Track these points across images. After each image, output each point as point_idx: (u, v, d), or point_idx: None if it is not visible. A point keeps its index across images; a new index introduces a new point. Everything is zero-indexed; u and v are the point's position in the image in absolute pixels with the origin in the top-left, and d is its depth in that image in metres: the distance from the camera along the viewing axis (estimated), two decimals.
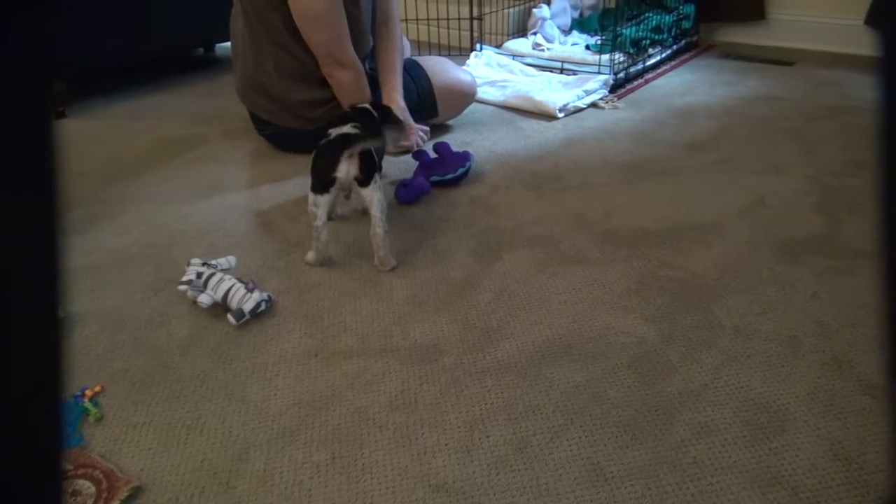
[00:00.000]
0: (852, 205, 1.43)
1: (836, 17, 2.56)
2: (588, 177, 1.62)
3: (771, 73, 2.37)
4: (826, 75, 2.32)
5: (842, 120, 1.91)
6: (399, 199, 1.50)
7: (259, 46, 1.65)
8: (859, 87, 2.19)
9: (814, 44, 2.62)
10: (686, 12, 2.58)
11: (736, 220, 1.39)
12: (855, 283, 1.17)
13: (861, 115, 1.94)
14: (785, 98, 2.11)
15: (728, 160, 1.67)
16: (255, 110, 1.77)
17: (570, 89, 2.11)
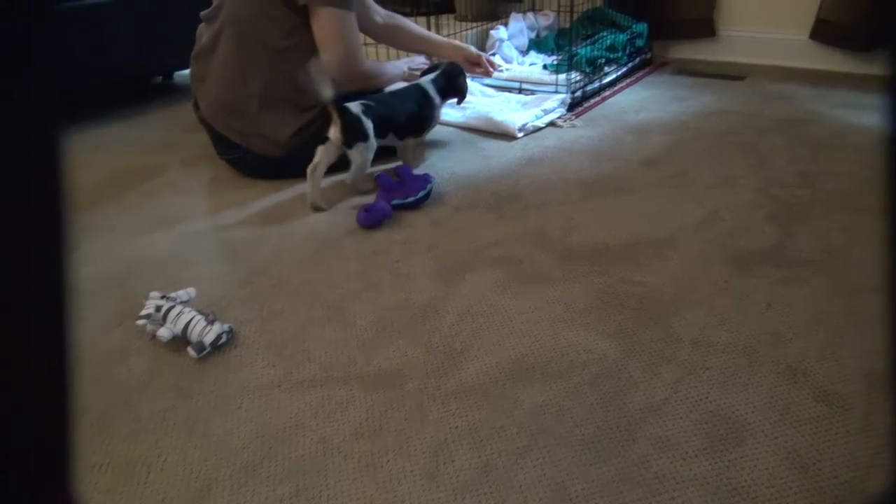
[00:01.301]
0: (802, 216, 1.48)
1: (783, 33, 2.65)
2: (548, 195, 1.64)
3: (723, 88, 2.43)
4: (775, 89, 2.40)
5: (791, 132, 1.97)
6: (360, 224, 1.50)
7: (246, 64, 1.66)
8: (807, 99, 2.26)
9: (763, 59, 2.71)
10: (639, 31, 2.64)
11: (691, 234, 1.42)
12: (806, 293, 1.20)
13: (808, 127, 2.01)
14: (736, 112, 2.17)
15: (683, 175, 1.71)
16: (225, 132, 1.73)
17: (528, 109, 2.14)
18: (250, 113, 1.69)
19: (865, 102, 2.20)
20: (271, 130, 1.70)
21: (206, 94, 1.75)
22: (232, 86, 1.69)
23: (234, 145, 1.74)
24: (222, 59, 1.70)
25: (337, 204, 1.64)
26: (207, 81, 1.74)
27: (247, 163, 1.77)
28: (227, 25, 1.68)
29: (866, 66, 2.52)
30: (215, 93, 1.72)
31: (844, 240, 1.37)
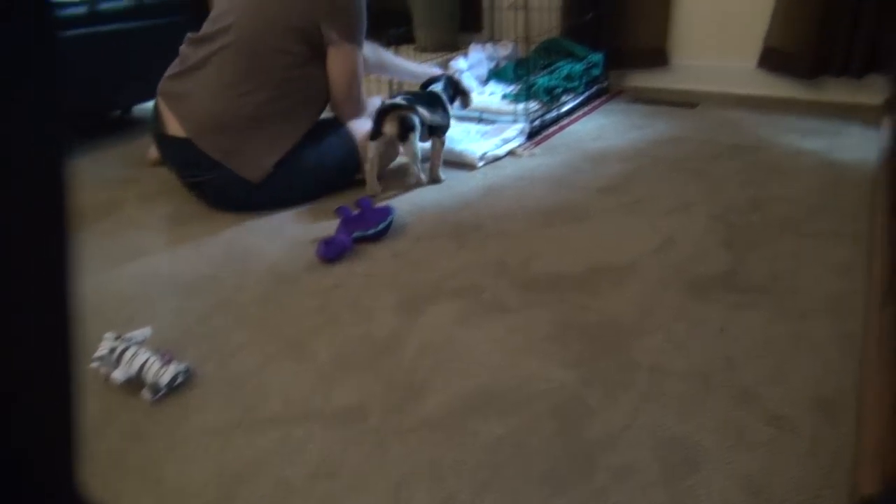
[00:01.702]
0: (754, 241, 1.52)
1: (732, 62, 2.74)
2: (508, 224, 1.66)
3: (676, 116, 2.50)
4: (726, 116, 2.47)
5: (742, 158, 2.03)
6: (320, 257, 1.50)
7: (248, 85, 1.70)
8: (756, 125, 2.34)
9: (714, 86, 2.79)
10: (595, 60, 2.71)
11: (648, 260, 1.45)
12: (758, 317, 1.23)
13: (759, 152, 2.07)
14: (690, 139, 2.23)
15: (640, 201, 1.75)
16: (206, 148, 1.70)
17: (488, 138, 2.17)
18: (240, 130, 1.70)
19: (812, 128, 2.28)
20: (257, 153, 1.72)
21: (189, 110, 1.72)
22: (226, 102, 1.69)
23: (209, 167, 1.71)
24: (217, 76, 1.71)
25: (296, 238, 1.64)
26: (192, 98, 1.73)
27: (216, 187, 1.75)
28: (233, 48, 1.71)
29: (812, 93, 2.62)
30: (205, 108, 1.70)
31: (792, 264, 1.41)
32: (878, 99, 2.49)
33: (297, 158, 1.76)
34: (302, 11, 1.73)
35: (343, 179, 1.90)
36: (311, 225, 1.69)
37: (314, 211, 1.78)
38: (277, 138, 1.74)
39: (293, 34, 1.73)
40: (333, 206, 1.65)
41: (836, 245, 1.48)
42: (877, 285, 1.17)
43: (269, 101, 1.71)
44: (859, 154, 2.02)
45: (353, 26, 1.78)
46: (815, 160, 1.99)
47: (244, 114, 1.70)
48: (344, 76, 1.81)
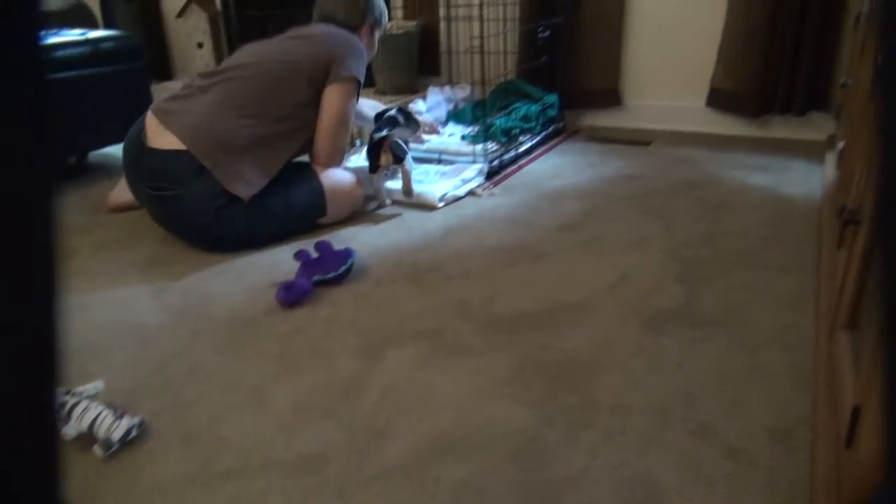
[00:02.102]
0: (707, 275, 1.56)
1: (682, 102, 2.84)
2: (468, 264, 1.67)
3: (630, 154, 2.57)
4: (678, 153, 2.55)
5: (694, 194, 2.09)
6: (280, 302, 1.48)
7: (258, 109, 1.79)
8: (707, 162, 2.41)
9: (666, 125, 2.89)
10: (551, 101, 2.78)
11: (606, 297, 1.47)
12: (714, 351, 1.25)
13: (709, 188, 2.14)
14: (644, 176, 2.29)
15: (596, 239, 1.78)
16: (200, 155, 1.70)
17: (448, 179, 2.20)
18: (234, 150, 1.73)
19: (759, 163, 2.37)
20: (246, 173, 1.74)
21: (185, 123, 1.74)
22: (226, 119, 1.75)
23: (188, 179, 1.70)
24: (222, 97, 1.78)
25: (255, 283, 1.62)
26: (190, 114, 1.76)
27: (183, 206, 1.73)
28: (248, 79, 1.81)
29: (758, 130, 2.73)
30: (203, 121, 1.74)
31: (745, 297, 1.45)
32: (821, 135, 2.60)
33: (263, 198, 1.76)
34: (321, 57, 1.88)
35: (306, 224, 1.90)
36: (270, 269, 1.68)
37: (274, 255, 1.77)
38: (264, 165, 1.78)
39: (307, 77, 1.86)
40: (293, 250, 1.64)
41: (786, 277, 1.53)
42: (824, 316, 1.21)
43: (266, 133, 1.79)
44: (805, 188, 2.10)
45: (360, 67, 1.95)
46: (763, 195, 2.06)
47: (241, 134, 1.75)
48: (334, 114, 1.90)
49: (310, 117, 1.89)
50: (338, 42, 1.93)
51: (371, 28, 2.10)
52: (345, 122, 1.94)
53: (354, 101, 1.96)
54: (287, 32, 2.01)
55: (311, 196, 1.86)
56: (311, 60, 1.87)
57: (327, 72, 1.89)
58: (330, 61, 1.89)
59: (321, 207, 1.89)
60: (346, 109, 1.93)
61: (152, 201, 1.80)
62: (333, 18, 2.04)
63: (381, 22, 2.14)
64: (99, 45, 2.42)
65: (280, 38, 1.97)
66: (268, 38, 1.98)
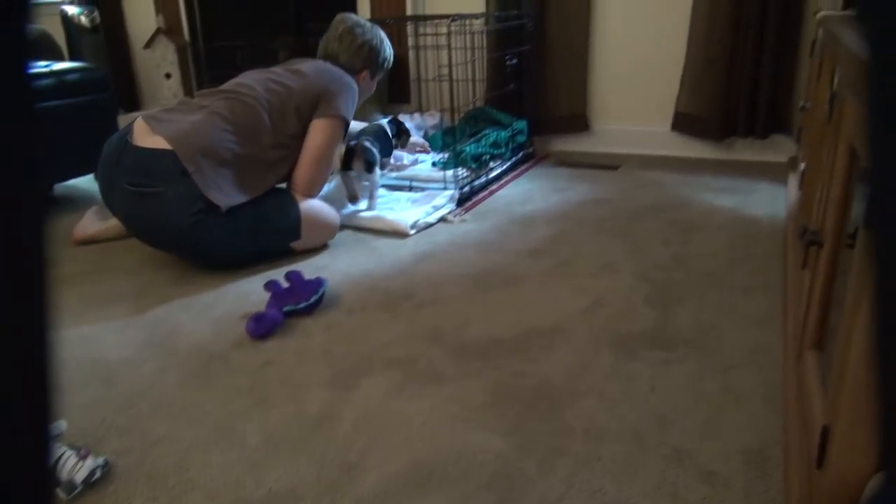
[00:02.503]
0: (677, 297, 1.57)
1: (648, 126, 2.90)
2: (441, 291, 1.66)
3: (599, 178, 2.60)
4: (646, 176, 2.59)
5: (662, 217, 2.11)
6: (250, 334, 1.46)
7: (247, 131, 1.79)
8: (674, 185, 2.45)
9: (633, 149, 2.94)
10: (520, 128, 2.81)
11: (578, 321, 1.47)
12: (686, 372, 1.26)
13: (678, 211, 2.17)
14: (613, 200, 2.32)
15: (567, 263, 1.79)
16: (184, 157, 1.69)
17: (419, 206, 2.20)
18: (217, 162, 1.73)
19: (725, 186, 2.41)
20: (225, 185, 1.74)
21: (174, 128, 1.75)
22: (215, 133, 1.75)
23: (170, 179, 1.68)
24: (215, 112, 1.78)
25: (224, 315, 1.59)
26: (181, 123, 1.77)
27: (161, 205, 1.70)
28: (245, 102, 1.82)
29: (723, 153, 2.79)
30: (193, 129, 1.74)
31: (715, 318, 1.46)
32: (783, 157, 2.66)
33: (240, 211, 1.76)
34: (313, 90, 1.91)
35: (280, 245, 1.89)
36: (239, 300, 1.66)
37: (243, 286, 1.75)
38: (246, 184, 1.78)
39: (295, 108, 1.88)
40: (263, 281, 1.62)
41: (755, 297, 1.55)
42: (792, 336, 1.22)
43: (252, 155, 1.80)
44: (769, 209, 2.14)
45: (349, 106, 1.98)
46: (730, 216, 2.09)
47: (227, 148, 1.76)
48: (318, 148, 1.91)
49: (296, 147, 1.91)
50: (332, 79, 1.96)
51: (371, 74, 2.16)
52: (326, 157, 1.94)
53: (339, 138, 1.97)
54: (289, 62, 2.05)
55: (287, 218, 1.86)
56: (303, 92, 1.90)
57: (316, 105, 1.91)
58: (321, 95, 1.91)
59: (296, 230, 1.88)
60: (330, 145, 1.94)
61: (130, 199, 1.74)
62: (336, 59, 2.09)
63: (383, 68, 2.20)
64: (64, 76, 2.39)
65: (281, 67, 2.00)
66: (268, 67, 2.02)
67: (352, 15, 2.17)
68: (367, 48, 2.11)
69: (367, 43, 2.11)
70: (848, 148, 0.87)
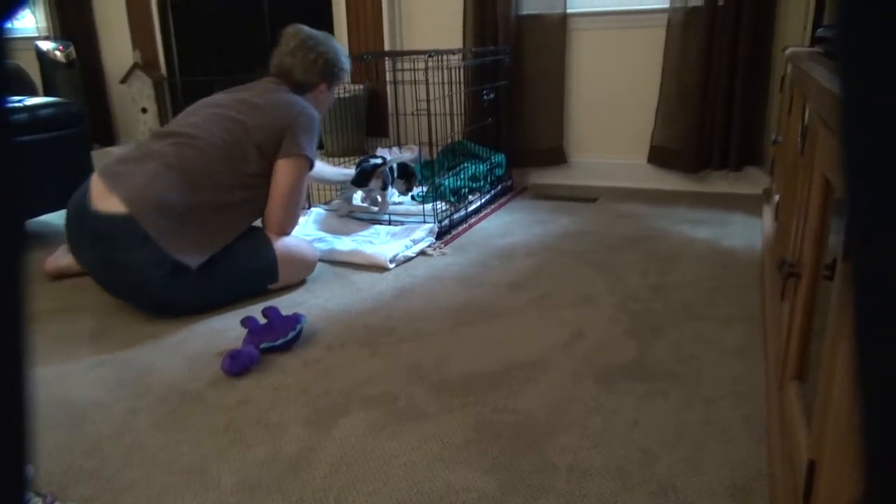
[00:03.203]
0: (657, 328, 1.57)
1: (625, 159, 2.93)
2: (421, 325, 1.65)
3: (578, 210, 2.62)
4: (623, 208, 2.61)
5: (640, 248, 2.13)
6: (226, 372, 1.43)
7: (207, 178, 1.73)
8: (651, 217, 2.48)
9: (610, 181, 2.97)
10: (498, 161, 2.83)
11: (559, 355, 1.46)
12: (668, 405, 1.25)
13: (655, 242, 2.18)
14: (591, 232, 2.33)
15: (547, 296, 1.79)
16: (146, 224, 1.63)
17: (398, 240, 2.19)
18: (180, 216, 1.69)
19: (701, 217, 2.44)
20: (192, 240, 1.70)
21: (132, 187, 1.68)
22: (173, 186, 1.69)
23: (135, 245, 1.63)
24: (171, 163, 1.72)
25: (198, 352, 1.56)
26: (136, 178, 1.70)
27: (130, 271, 1.66)
28: (198, 147, 1.75)
29: (698, 185, 2.83)
30: (149, 186, 1.68)
31: (695, 349, 1.46)
32: (757, 189, 2.71)
33: (213, 263, 1.73)
34: (274, 129, 1.85)
35: (257, 289, 1.86)
36: (214, 338, 1.62)
37: (218, 322, 1.72)
38: (213, 234, 1.74)
39: (256, 148, 1.82)
40: (239, 317, 1.59)
41: (734, 328, 1.55)
42: (773, 366, 1.23)
43: (214, 201, 1.75)
44: (745, 240, 2.16)
45: (312, 141, 1.92)
46: (706, 247, 2.11)
47: (187, 202, 1.70)
48: (287, 187, 1.87)
49: (261, 185, 1.85)
50: (292, 113, 1.88)
51: (328, 85, 2.06)
52: (297, 195, 1.91)
53: (306, 173, 1.93)
54: (237, 89, 1.96)
55: (263, 262, 1.83)
56: (262, 130, 1.83)
57: (279, 142, 1.85)
58: (282, 134, 1.85)
59: (272, 272, 1.85)
60: (298, 183, 1.90)
61: (97, 268, 1.73)
62: (290, 75, 1.98)
63: (341, 78, 2.09)
64: (37, 111, 2.37)
65: (230, 97, 1.91)
66: (218, 94, 1.96)
67: (303, 27, 2.03)
68: (322, 61, 1.99)
69: (321, 56, 1.99)
70: (822, 179, 0.89)
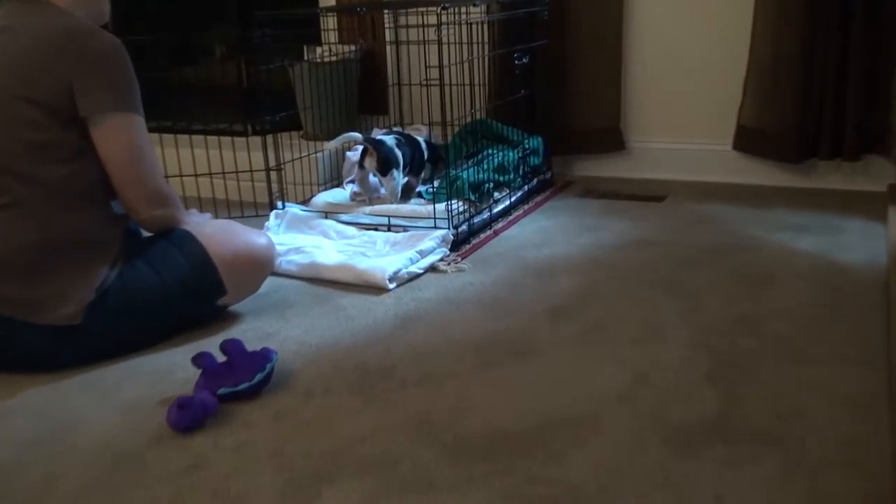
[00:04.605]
0: (746, 373, 1.57)
1: (703, 144, 2.93)
2: (431, 366, 1.66)
3: (640, 212, 2.63)
4: (701, 210, 2.62)
5: (723, 265, 2.13)
6: (172, 426, 1.44)
7: (16, 210, 1.64)
8: (738, 222, 2.48)
9: (684, 174, 2.97)
10: (533, 146, 2.84)
11: (616, 407, 1.47)
12: (761, 476, 1.25)
13: (744, 256, 2.18)
14: (658, 242, 2.33)
15: (599, 328, 1.79)
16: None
17: (400, 251, 2.21)
18: (17, 269, 1.64)
19: (805, 223, 2.44)
20: (55, 292, 1.65)
21: None
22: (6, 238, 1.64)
23: None
24: None
25: (136, 400, 1.58)
26: None
27: (12, 344, 1.67)
28: None
29: (801, 179, 2.82)
30: None
31: (795, 402, 1.46)
32: (880, 185, 2.69)
33: (122, 292, 1.71)
34: (44, 74, 1.65)
35: (196, 306, 1.86)
36: (158, 380, 1.64)
37: (163, 359, 1.73)
38: (80, 266, 1.68)
39: (45, 115, 1.65)
40: (190, 352, 1.61)
41: (849, 373, 1.55)
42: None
43: (55, 222, 1.67)
44: (864, 254, 2.16)
45: (119, 82, 1.73)
46: (811, 264, 2.11)
47: (13, 247, 1.64)
48: (121, 154, 1.72)
49: (88, 165, 1.71)
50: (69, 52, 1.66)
51: None
52: (144, 155, 1.75)
53: (137, 124, 1.75)
54: None
55: (192, 267, 1.78)
56: (31, 85, 1.65)
57: (70, 94, 1.66)
58: (64, 78, 1.66)
59: (213, 286, 1.82)
60: (139, 141, 1.74)
61: None
62: None
63: None
64: None
65: None
66: None
67: None
68: None
69: None
70: None
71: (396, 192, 2.55)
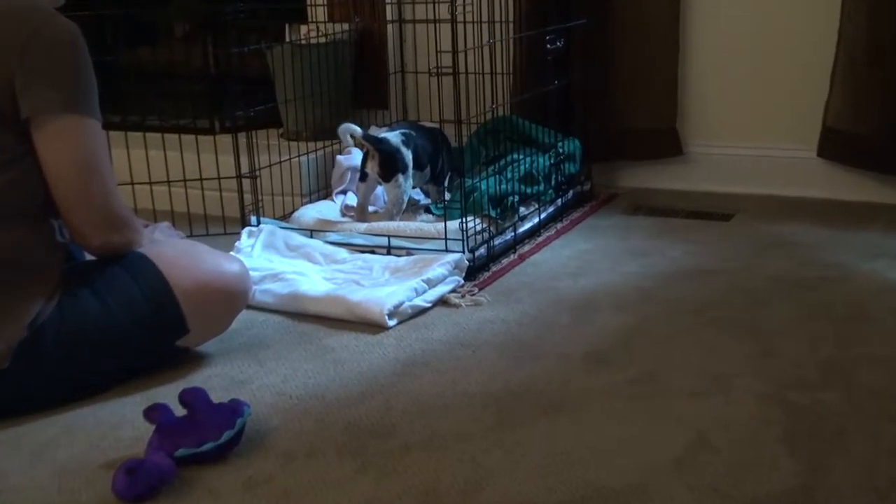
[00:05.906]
0: (833, 435, 1.56)
1: (780, 150, 2.93)
2: (439, 424, 1.66)
3: (699, 233, 2.63)
4: (776, 232, 2.61)
5: (803, 299, 2.12)
6: (119, 496, 1.45)
7: None
8: (822, 247, 2.47)
9: (755, 186, 2.96)
10: (569, 150, 2.84)
11: (670, 478, 1.46)
12: None
13: (829, 289, 2.18)
14: (722, 271, 2.33)
15: (649, 377, 1.79)
16: None
17: (403, 280, 2.21)
18: None
19: None
20: None
21: None
22: None
23: None
24: None
25: (74, 463, 1.58)
26: None
27: None
28: None
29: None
30: None
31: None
32: None
33: (59, 321, 1.72)
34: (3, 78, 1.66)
35: (151, 347, 1.85)
36: (102, 437, 1.64)
37: (109, 410, 1.74)
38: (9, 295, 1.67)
39: None
40: (143, 402, 1.62)
41: None
42: None
43: None
44: None
45: (72, 78, 1.74)
46: None
47: None
48: (67, 166, 1.71)
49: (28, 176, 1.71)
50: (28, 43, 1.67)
51: None
52: (97, 167, 1.74)
53: (92, 129, 1.74)
54: None
55: (147, 298, 1.78)
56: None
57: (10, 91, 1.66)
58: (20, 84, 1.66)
59: (173, 321, 1.82)
60: (91, 150, 1.73)
61: None
62: None
63: None
64: None
65: None
66: None
67: None
68: None
69: None
70: None
71: (401, 204, 2.54)
